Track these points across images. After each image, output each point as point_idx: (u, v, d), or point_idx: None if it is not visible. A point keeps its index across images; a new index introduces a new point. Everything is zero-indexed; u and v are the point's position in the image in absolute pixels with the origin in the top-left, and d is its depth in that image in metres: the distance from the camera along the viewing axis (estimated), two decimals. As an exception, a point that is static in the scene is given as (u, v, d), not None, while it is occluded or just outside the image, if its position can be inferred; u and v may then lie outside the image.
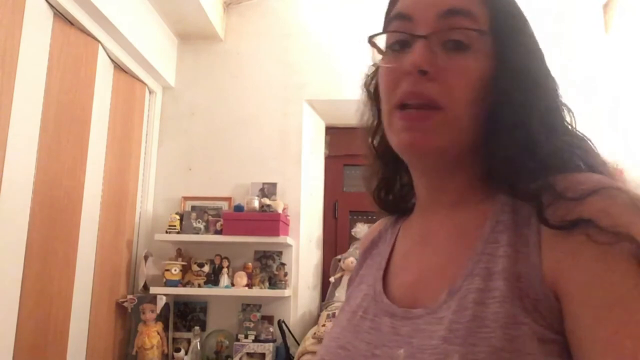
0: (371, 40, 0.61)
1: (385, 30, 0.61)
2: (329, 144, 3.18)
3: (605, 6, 2.83)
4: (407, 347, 0.52)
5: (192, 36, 2.90)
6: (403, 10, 0.58)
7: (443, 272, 0.56)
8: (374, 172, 0.71)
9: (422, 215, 0.66)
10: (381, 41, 0.62)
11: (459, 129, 0.56)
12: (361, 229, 2.79)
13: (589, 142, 0.59)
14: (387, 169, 0.70)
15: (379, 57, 0.63)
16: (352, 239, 2.88)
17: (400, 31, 0.58)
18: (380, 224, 0.76)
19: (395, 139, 0.59)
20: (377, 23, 0.66)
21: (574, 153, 0.56)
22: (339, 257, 2.80)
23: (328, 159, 3.16)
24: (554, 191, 0.51)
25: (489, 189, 0.59)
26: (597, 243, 0.46)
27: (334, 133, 3.18)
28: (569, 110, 0.61)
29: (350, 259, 2.71)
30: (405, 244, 0.67)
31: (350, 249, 2.80)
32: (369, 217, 3.01)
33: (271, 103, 2.86)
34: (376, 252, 0.71)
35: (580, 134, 0.59)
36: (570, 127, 0.60)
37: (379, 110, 0.68)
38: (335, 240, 3.07)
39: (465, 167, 0.60)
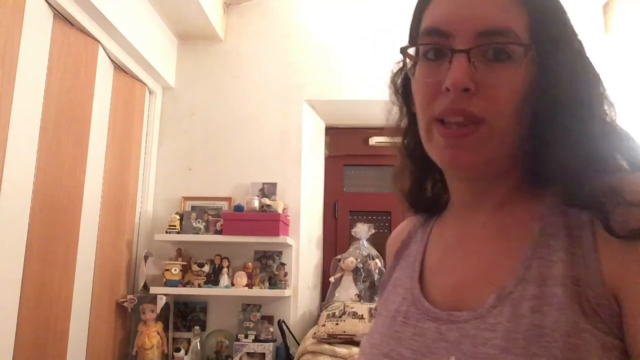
0: (403, 50, 0.60)
1: (420, 42, 0.59)
2: (329, 144, 3.18)
3: (605, 6, 2.83)
4: (458, 354, 0.51)
5: (192, 36, 2.91)
6: (439, 27, 0.56)
7: (488, 275, 0.55)
8: (404, 171, 0.70)
9: (460, 217, 0.64)
10: (412, 49, 0.61)
11: (503, 140, 0.55)
12: (361, 229, 2.79)
13: (633, 138, 0.58)
14: (419, 168, 0.69)
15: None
16: (352, 239, 2.88)
17: (439, 44, 0.56)
18: (408, 223, 0.74)
19: (437, 155, 0.58)
20: (377, 23, 0.66)
21: (625, 153, 0.55)
22: (339, 257, 2.80)
23: (328, 159, 3.16)
24: (614, 195, 0.49)
25: (534, 190, 0.58)
26: None
27: (334, 133, 3.18)
28: (611, 104, 0.59)
29: (350, 259, 2.71)
30: (441, 246, 0.65)
31: (350, 249, 2.80)
32: (369, 217, 3.01)
33: (271, 103, 2.87)
34: (407, 253, 0.69)
35: (623, 130, 0.58)
36: (614, 123, 0.58)
37: (408, 110, 0.67)
38: (335, 240, 3.07)
39: (511, 172, 0.59)
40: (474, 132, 0.54)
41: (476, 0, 0.55)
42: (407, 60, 0.61)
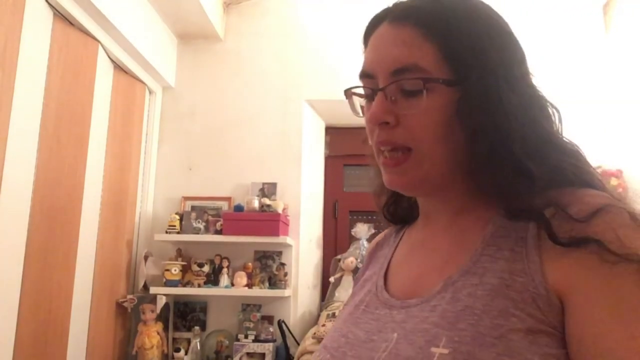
0: (347, 93, 0.67)
1: (353, 86, 0.67)
2: (329, 144, 3.18)
3: (605, 6, 2.83)
4: (400, 330, 0.57)
5: (192, 36, 2.90)
6: (366, 70, 0.64)
7: (442, 269, 0.61)
8: (383, 191, 0.76)
9: (426, 222, 0.71)
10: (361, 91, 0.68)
11: (433, 163, 0.61)
12: (361, 229, 2.79)
13: (574, 148, 0.62)
14: None
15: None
16: (352, 238, 2.88)
17: (364, 86, 0.65)
18: (388, 230, 0.82)
19: (382, 177, 0.66)
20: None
21: (564, 167, 0.58)
22: (338, 257, 2.80)
23: (328, 159, 3.17)
24: (556, 207, 0.54)
25: (490, 196, 0.62)
26: (606, 261, 0.50)
27: (334, 133, 3.18)
28: (554, 112, 0.62)
29: (350, 259, 2.71)
30: (407, 247, 0.72)
31: (350, 249, 2.80)
32: (369, 217, 3.01)
33: (271, 103, 2.87)
34: (381, 254, 0.77)
35: (566, 141, 0.62)
36: (555, 134, 0.62)
37: None
38: (335, 240, 3.07)
39: (458, 185, 0.63)
40: (405, 159, 0.61)
41: (388, 44, 0.61)
42: (355, 99, 0.68)
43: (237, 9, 2.99)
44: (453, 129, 0.59)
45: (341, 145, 3.16)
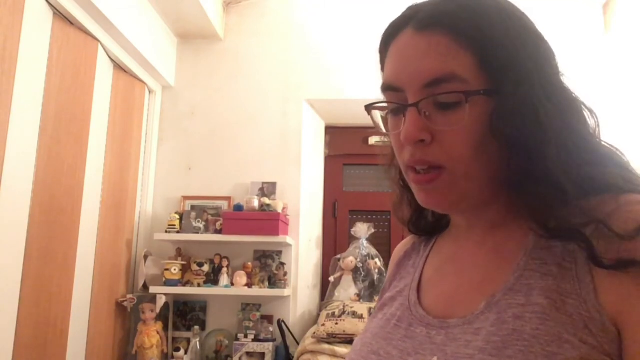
0: (369, 108, 0.62)
1: (379, 101, 0.61)
2: (329, 144, 3.18)
3: (605, 6, 2.83)
4: (440, 354, 0.53)
5: (191, 35, 2.90)
6: (392, 83, 0.58)
7: (480, 285, 0.57)
8: (404, 201, 0.71)
9: (458, 234, 0.66)
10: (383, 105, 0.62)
11: (469, 180, 0.56)
12: (361, 229, 2.79)
13: (616, 153, 0.57)
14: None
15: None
16: (352, 238, 2.88)
17: (393, 102, 0.59)
18: (413, 237, 0.76)
19: (415, 196, 0.61)
20: (376, 22, 0.66)
21: (604, 175, 0.54)
22: (338, 256, 2.80)
23: (328, 158, 3.17)
24: (598, 222, 0.50)
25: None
26: None
27: (333, 133, 3.18)
28: (591, 115, 0.58)
29: (349, 259, 2.71)
30: (440, 260, 0.67)
31: (350, 249, 2.80)
32: (369, 217, 3.01)
33: (271, 103, 2.87)
34: (410, 264, 0.72)
35: (606, 146, 0.58)
36: (592, 140, 0.57)
37: None
38: (334, 240, 3.07)
39: (497, 198, 0.59)
40: (438, 177, 0.56)
41: (419, 53, 0.55)
42: (378, 113, 0.63)
43: (237, 9, 2.99)
44: (488, 142, 0.54)
45: (341, 145, 3.16)
